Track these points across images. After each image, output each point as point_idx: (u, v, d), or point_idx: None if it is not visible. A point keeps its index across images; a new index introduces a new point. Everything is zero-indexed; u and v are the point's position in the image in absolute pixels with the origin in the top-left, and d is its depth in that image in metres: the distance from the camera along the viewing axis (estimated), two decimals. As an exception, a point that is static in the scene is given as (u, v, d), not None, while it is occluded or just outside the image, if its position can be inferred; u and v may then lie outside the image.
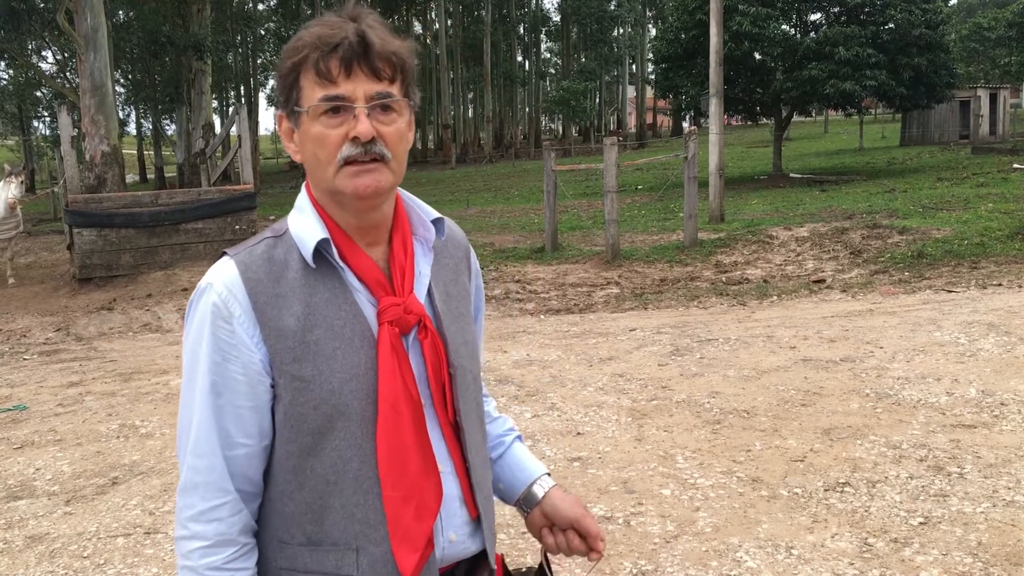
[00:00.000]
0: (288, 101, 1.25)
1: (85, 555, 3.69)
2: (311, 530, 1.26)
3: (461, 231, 1.48)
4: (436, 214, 1.35)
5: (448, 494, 1.31)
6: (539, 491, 1.48)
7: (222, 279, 1.24)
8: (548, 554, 1.48)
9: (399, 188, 1.33)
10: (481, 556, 1.39)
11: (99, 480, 4.56)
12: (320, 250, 1.25)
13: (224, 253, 1.28)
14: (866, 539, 3.41)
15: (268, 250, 1.26)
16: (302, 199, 1.31)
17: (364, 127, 1.20)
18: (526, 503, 1.49)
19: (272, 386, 1.24)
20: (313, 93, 1.21)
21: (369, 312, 1.26)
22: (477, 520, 1.36)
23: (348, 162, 1.21)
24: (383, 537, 1.25)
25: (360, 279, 1.27)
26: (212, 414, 1.23)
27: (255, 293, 1.23)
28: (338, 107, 1.21)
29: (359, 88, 1.20)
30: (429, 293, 1.33)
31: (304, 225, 1.27)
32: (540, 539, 1.48)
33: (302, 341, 1.22)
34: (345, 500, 1.25)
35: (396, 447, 1.24)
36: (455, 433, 1.33)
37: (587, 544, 1.44)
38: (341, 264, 1.26)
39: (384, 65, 1.22)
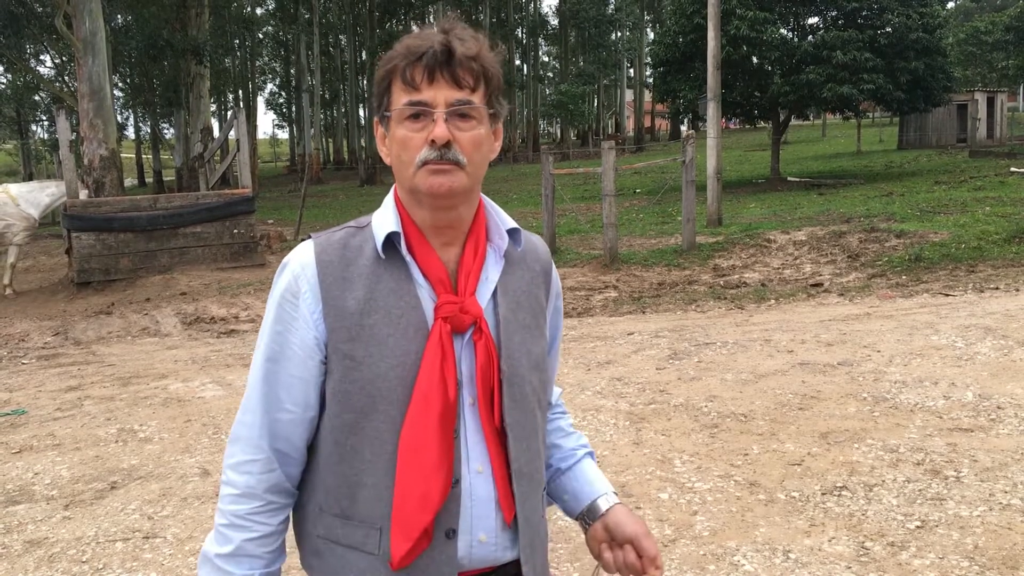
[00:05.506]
0: (380, 107, 1.34)
1: (84, 560, 3.69)
2: (345, 504, 1.32)
3: (545, 247, 1.51)
4: (513, 224, 1.39)
5: (482, 495, 1.33)
6: (603, 505, 1.48)
7: (299, 258, 1.34)
8: (604, 572, 1.46)
9: (483, 196, 1.40)
10: (517, 569, 1.38)
11: (98, 484, 4.56)
12: (392, 242, 1.32)
13: (309, 236, 1.38)
14: (863, 543, 3.41)
15: (346, 238, 1.35)
16: (388, 197, 1.38)
17: (440, 131, 1.26)
18: (589, 516, 1.49)
19: (323, 362, 1.32)
20: (399, 99, 1.29)
21: (428, 307, 1.32)
22: (514, 528, 1.36)
23: (426, 163, 1.28)
24: None
25: (424, 275, 1.33)
26: (263, 378, 1.34)
27: (324, 274, 1.31)
28: (419, 112, 1.28)
29: (440, 95, 1.27)
30: (495, 299, 1.37)
31: (382, 219, 1.35)
32: (598, 556, 1.46)
33: (359, 324, 1.29)
34: (377, 480, 1.30)
35: (416, 436, 1.27)
36: (499, 439, 1.34)
37: (642, 564, 1.41)
38: (408, 258, 1.33)
39: (465, 74, 1.28)
